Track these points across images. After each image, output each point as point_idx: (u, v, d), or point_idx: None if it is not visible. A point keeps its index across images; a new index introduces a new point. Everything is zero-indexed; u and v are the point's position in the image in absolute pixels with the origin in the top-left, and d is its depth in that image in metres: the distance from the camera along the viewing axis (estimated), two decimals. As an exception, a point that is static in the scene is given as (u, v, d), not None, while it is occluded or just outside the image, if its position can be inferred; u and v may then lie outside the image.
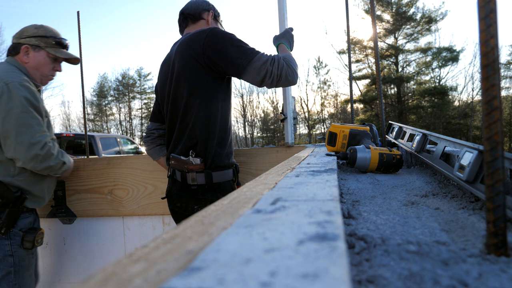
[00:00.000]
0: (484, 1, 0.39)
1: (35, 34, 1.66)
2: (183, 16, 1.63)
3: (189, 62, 1.39)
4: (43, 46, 1.66)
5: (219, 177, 1.43)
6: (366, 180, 1.08)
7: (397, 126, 2.01)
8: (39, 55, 1.66)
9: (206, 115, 1.41)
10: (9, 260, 1.55)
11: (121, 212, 1.99)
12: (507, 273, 0.34)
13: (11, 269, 1.55)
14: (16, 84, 1.51)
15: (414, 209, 0.67)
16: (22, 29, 1.70)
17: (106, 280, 0.23)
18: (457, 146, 0.92)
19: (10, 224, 1.55)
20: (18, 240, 1.58)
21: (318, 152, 1.48)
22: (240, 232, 0.32)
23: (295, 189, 0.54)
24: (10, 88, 1.49)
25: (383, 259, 0.38)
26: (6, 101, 1.47)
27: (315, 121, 24.90)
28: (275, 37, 1.71)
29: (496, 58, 0.39)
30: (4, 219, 1.52)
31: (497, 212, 0.39)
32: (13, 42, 1.68)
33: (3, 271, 1.53)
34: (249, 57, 1.35)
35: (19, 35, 1.67)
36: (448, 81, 20.62)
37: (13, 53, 1.66)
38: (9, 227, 1.55)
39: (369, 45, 20.21)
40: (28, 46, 1.64)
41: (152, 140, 1.70)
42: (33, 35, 1.65)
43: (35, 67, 1.67)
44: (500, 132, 0.39)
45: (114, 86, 28.58)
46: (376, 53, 1.76)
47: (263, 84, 1.38)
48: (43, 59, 1.67)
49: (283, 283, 0.21)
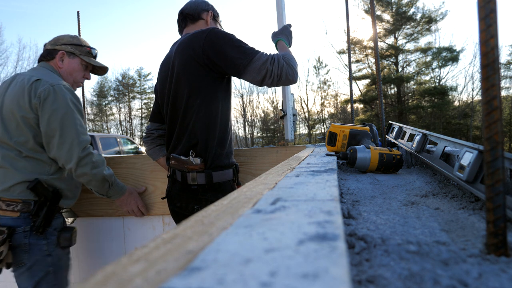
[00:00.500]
0: (484, 1, 0.39)
1: (70, 42, 1.75)
2: (182, 16, 1.63)
3: (189, 62, 1.39)
4: (77, 53, 1.74)
5: (219, 177, 1.43)
6: (366, 180, 1.08)
7: (397, 126, 2.01)
8: (73, 61, 1.74)
9: (206, 115, 1.41)
10: (47, 260, 1.55)
11: (121, 212, 1.98)
12: (507, 273, 0.34)
13: (50, 269, 1.55)
14: (61, 86, 1.56)
15: (414, 209, 0.67)
16: (57, 36, 1.76)
17: (106, 280, 0.23)
18: (457, 146, 0.92)
19: (47, 223, 1.56)
20: (54, 240, 1.59)
21: (318, 152, 1.48)
22: (240, 232, 0.32)
23: (295, 189, 0.54)
24: (55, 89, 1.53)
25: (383, 259, 0.38)
26: (52, 102, 1.51)
27: (315, 121, 24.89)
28: (274, 33, 1.71)
29: (496, 58, 0.39)
30: (42, 217, 1.53)
31: (497, 212, 0.39)
32: (47, 48, 1.73)
33: (43, 272, 1.53)
34: (249, 57, 1.35)
35: (54, 42, 1.73)
36: (448, 81, 20.65)
37: (47, 58, 1.72)
38: (46, 226, 1.56)
39: (369, 45, 20.21)
40: (64, 52, 1.72)
41: (152, 140, 1.70)
42: (68, 43, 1.74)
43: (69, 73, 1.73)
44: (500, 132, 0.39)
45: (114, 86, 28.59)
46: (376, 53, 1.76)
47: (263, 83, 1.38)
48: (76, 66, 1.74)
49: (283, 283, 0.21)
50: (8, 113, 1.53)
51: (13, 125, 1.52)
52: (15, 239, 1.48)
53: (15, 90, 1.54)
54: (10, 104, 1.53)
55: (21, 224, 1.49)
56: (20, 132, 1.52)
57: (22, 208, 1.50)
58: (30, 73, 1.61)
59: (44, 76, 1.57)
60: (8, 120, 1.53)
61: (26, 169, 1.52)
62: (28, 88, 1.51)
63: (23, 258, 1.49)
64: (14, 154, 1.52)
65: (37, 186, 1.51)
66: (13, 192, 1.50)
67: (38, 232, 1.52)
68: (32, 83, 1.52)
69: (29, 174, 1.52)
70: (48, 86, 1.52)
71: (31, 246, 1.51)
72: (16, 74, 1.65)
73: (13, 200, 1.50)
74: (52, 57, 1.71)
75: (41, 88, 1.51)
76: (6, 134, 1.52)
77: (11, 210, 1.49)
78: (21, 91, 1.52)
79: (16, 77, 1.62)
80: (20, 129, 1.52)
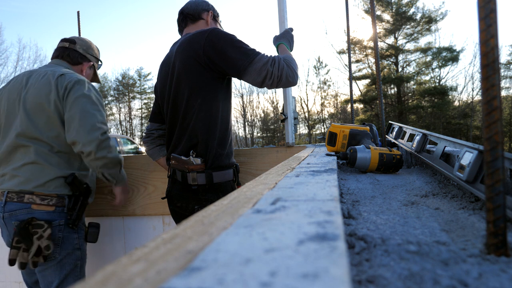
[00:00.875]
0: (484, 1, 0.39)
1: (97, 56, 1.85)
2: (182, 15, 1.63)
3: (189, 63, 1.39)
4: (96, 67, 1.85)
5: (219, 177, 1.43)
6: (366, 180, 1.08)
7: (397, 126, 2.01)
8: (91, 72, 1.84)
9: (207, 115, 1.41)
10: (77, 254, 1.59)
11: (121, 212, 1.99)
12: (507, 273, 0.34)
13: (78, 263, 1.59)
14: (85, 81, 1.60)
15: (414, 209, 0.67)
16: (89, 43, 1.82)
17: (106, 280, 0.23)
18: (457, 146, 0.92)
19: (80, 217, 1.59)
20: (83, 234, 1.63)
21: (318, 152, 1.48)
22: (240, 232, 0.32)
23: (295, 189, 0.54)
24: (80, 83, 1.57)
25: (383, 259, 0.38)
26: (75, 92, 1.53)
27: (315, 121, 24.89)
28: (275, 37, 1.71)
29: (496, 58, 0.39)
30: (77, 211, 1.57)
31: (497, 212, 0.39)
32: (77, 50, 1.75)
33: (72, 265, 1.56)
34: (249, 58, 1.35)
35: (86, 49, 1.79)
36: (448, 81, 20.64)
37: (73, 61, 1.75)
38: (79, 220, 1.59)
39: (369, 45, 20.21)
40: (92, 64, 1.81)
41: (152, 140, 1.70)
42: (96, 56, 1.84)
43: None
44: (500, 132, 0.39)
45: (114, 86, 28.57)
46: (376, 53, 1.76)
47: (263, 85, 1.38)
48: (90, 77, 1.84)
49: (283, 283, 0.21)
50: (36, 108, 1.53)
51: (42, 120, 1.53)
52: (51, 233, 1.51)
53: (41, 85, 1.55)
54: (36, 99, 1.53)
55: (56, 218, 1.52)
56: (50, 127, 1.53)
57: (56, 203, 1.52)
58: (53, 68, 1.63)
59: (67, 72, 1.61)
60: (36, 115, 1.53)
61: (59, 164, 1.55)
62: (54, 82, 1.53)
63: (54, 252, 1.52)
64: (46, 149, 1.53)
65: (74, 181, 1.55)
66: (48, 187, 1.51)
67: (73, 226, 1.56)
68: (58, 77, 1.55)
69: (63, 169, 1.55)
70: (73, 78, 1.56)
71: (64, 240, 1.54)
72: (29, 71, 1.66)
73: (48, 195, 1.52)
74: (80, 63, 1.76)
75: (67, 81, 1.54)
76: (36, 130, 1.52)
77: (45, 204, 1.51)
78: (47, 86, 1.54)
79: (32, 73, 1.62)
80: (50, 123, 1.53)
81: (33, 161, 1.51)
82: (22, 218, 1.47)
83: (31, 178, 1.50)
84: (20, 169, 1.51)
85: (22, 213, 1.49)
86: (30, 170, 1.50)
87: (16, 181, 1.50)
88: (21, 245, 1.45)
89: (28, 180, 1.49)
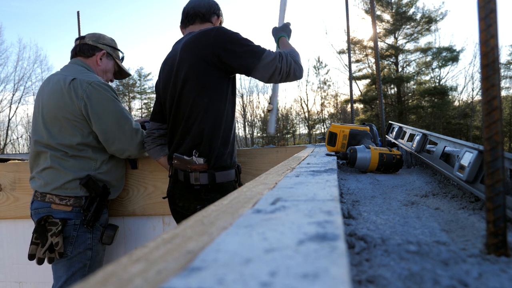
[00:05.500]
0: (484, 1, 0.39)
1: (111, 44, 1.84)
2: (193, 11, 1.60)
3: (196, 62, 1.39)
4: (114, 56, 1.85)
5: (222, 177, 1.43)
6: (366, 180, 1.08)
7: (397, 126, 2.01)
8: (110, 63, 1.83)
9: (213, 114, 1.41)
10: (88, 254, 1.62)
11: (121, 212, 1.98)
12: (507, 273, 0.34)
13: (88, 262, 1.62)
14: (98, 83, 1.61)
15: (414, 209, 0.67)
16: (99, 34, 1.82)
17: (106, 280, 0.23)
18: (457, 146, 0.92)
19: (96, 217, 1.62)
20: (98, 235, 1.66)
21: (318, 152, 1.48)
22: (240, 232, 0.32)
23: (295, 189, 0.54)
24: (95, 87, 1.58)
25: (383, 259, 0.38)
26: (97, 100, 1.57)
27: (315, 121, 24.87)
28: (275, 28, 1.71)
29: (496, 58, 0.39)
30: (93, 212, 1.60)
31: (497, 212, 0.39)
32: (88, 43, 1.76)
33: (81, 263, 1.60)
34: (258, 55, 1.36)
35: (96, 39, 1.79)
36: (448, 81, 20.62)
37: (87, 55, 1.76)
38: (95, 220, 1.62)
39: (369, 45, 20.21)
40: (105, 52, 1.80)
41: (152, 140, 1.70)
42: (109, 44, 1.83)
43: (104, 71, 1.81)
44: (500, 132, 0.39)
45: (114, 86, 28.36)
46: (376, 53, 1.76)
47: (271, 80, 1.41)
48: (111, 67, 1.84)
49: (283, 283, 0.21)
50: (51, 117, 1.59)
51: (56, 128, 1.58)
52: (65, 231, 1.56)
53: (53, 92, 1.59)
54: (50, 107, 1.59)
55: (72, 217, 1.57)
56: (63, 135, 1.58)
57: (74, 203, 1.58)
58: (64, 72, 1.65)
59: (78, 75, 1.62)
60: (51, 124, 1.59)
61: (74, 167, 1.59)
62: (67, 89, 1.56)
63: (67, 249, 1.56)
64: (60, 154, 1.58)
65: (88, 182, 1.59)
66: (65, 189, 1.57)
67: (88, 226, 1.60)
68: (70, 83, 1.57)
69: (79, 171, 1.59)
70: (86, 85, 1.58)
71: (77, 239, 1.58)
72: (49, 76, 1.70)
73: (66, 196, 1.58)
74: (93, 54, 1.77)
75: (81, 88, 1.56)
76: (50, 137, 1.58)
77: (64, 204, 1.58)
78: (60, 93, 1.57)
79: (50, 79, 1.67)
80: (64, 131, 1.58)
81: (50, 166, 1.58)
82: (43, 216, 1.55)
83: (49, 182, 1.58)
84: (41, 173, 1.60)
85: (43, 212, 1.57)
86: (48, 174, 1.58)
87: (39, 183, 1.60)
88: (38, 241, 1.53)
89: (46, 184, 1.58)
